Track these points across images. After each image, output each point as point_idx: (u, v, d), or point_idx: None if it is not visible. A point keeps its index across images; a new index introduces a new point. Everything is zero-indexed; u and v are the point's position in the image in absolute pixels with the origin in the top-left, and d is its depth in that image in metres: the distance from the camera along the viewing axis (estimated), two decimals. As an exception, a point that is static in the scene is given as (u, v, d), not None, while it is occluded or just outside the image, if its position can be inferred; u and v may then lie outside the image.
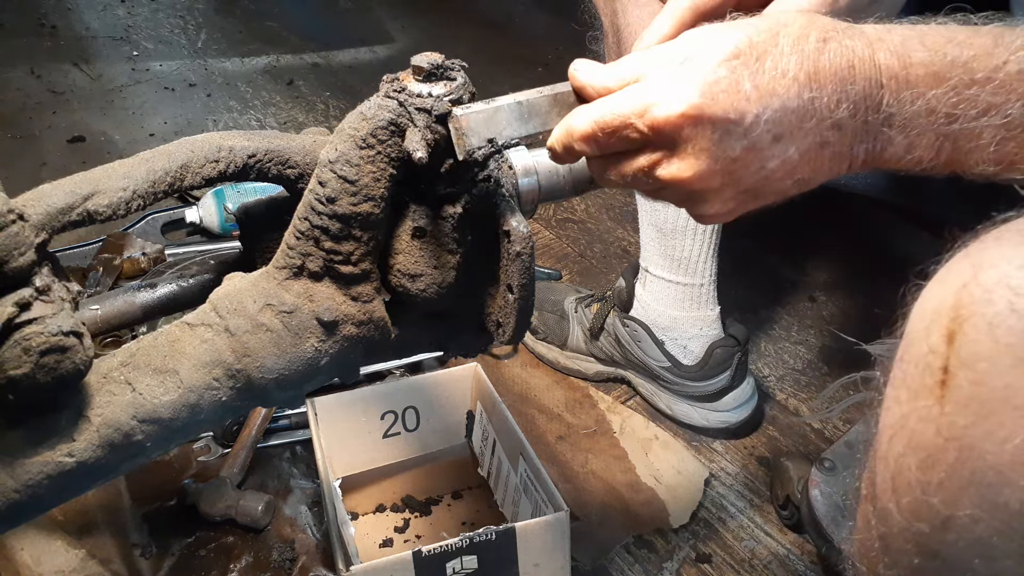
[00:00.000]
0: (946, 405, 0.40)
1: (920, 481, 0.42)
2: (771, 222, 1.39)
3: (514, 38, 2.30)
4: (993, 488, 0.38)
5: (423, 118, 0.52)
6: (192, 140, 0.55)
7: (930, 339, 0.41)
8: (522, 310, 0.57)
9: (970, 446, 0.39)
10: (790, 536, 1.05)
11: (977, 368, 0.38)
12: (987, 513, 0.39)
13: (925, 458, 0.41)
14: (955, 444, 0.40)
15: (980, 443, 0.38)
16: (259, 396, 0.54)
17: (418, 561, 0.78)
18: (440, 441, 1.05)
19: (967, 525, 0.40)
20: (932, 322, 0.41)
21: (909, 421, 0.43)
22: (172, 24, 2.30)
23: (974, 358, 0.39)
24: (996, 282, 0.39)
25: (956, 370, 0.39)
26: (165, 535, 0.99)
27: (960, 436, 0.39)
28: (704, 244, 1.11)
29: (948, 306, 0.40)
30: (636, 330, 1.18)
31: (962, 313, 0.39)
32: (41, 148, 1.74)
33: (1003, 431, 0.38)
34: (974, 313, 0.39)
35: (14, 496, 0.46)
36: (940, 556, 0.43)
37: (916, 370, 0.42)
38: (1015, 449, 0.37)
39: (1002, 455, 0.38)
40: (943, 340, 0.40)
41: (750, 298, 1.43)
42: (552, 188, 0.62)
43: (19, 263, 0.44)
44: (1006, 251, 0.39)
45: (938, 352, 0.40)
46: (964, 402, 0.39)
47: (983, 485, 0.39)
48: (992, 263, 0.39)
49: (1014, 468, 0.37)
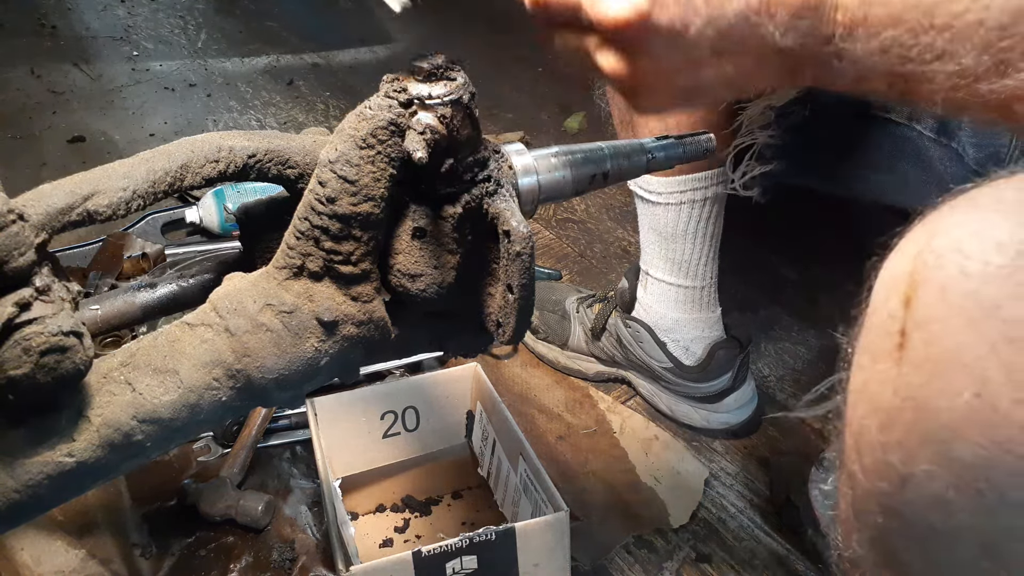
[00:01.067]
0: (903, 367, 0.41)
1: (880, 442, 0.43)
2: (771, 222, 1.40)
3: (514, 38, 2.30)
4: (946, 443, 0.40)
5: (423, 118, 0.52)
6: (192, 140, 0.55)
7: (889, 305, 0.43)
8: (522, 310, 0.57)
9: (924, 404, 0.40)
10: (790, 536, 1.05)
11: (930, 329, 0.40)
12: (942, 468, 0.40)
13: (884, 419, 0.43)
14: (911, 403, 0.41)
15: (934, 400, 0.40)
16: (259, 396, 0.54)
17: (418, 561, 0.78)
18: (440, 441, 1.05)
19: (924, 482, 0.41)
20: (891, 289, 0.43)
21: (870, 385, 0.44)
22: (172, 24, 2.30)
23: (927, 320, 0.40)
24: (948, 247, 0.40)
25: (911, 332, 0.41)
26: (165, 535, 0.99)
27: (915, 395, 0.41)
28: (704, 247, 1.11)
29: (905, 272, 0.42)
30: (638, 331, 1.18)
31: (917, 279, 0.41)
32: (41, 148, 1.74)
33: (953, 388, 0.39)
34: (927, 278, 0.40)
35: (14, 496, 0.46)
36: (901, 515, 0.44)
37: (876, 336, 0.44)
38: (965, 405, 0.38)
39: (953, 411, 0.39)
40: (900, 305, 0.42)
41: (750, 298, 1.43)
42: (552, 188, 0.61)
43: (19, 263, 0.44)
44: (958, 218, 0.41)
45: (896, 317, 0.42)
46: (919, 362, 0.40)
47: (937, 441, 0.40)
48: (945, 230, 0.41)
49: (964, 423, 0.39)
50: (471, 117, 0.55)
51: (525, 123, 1.96)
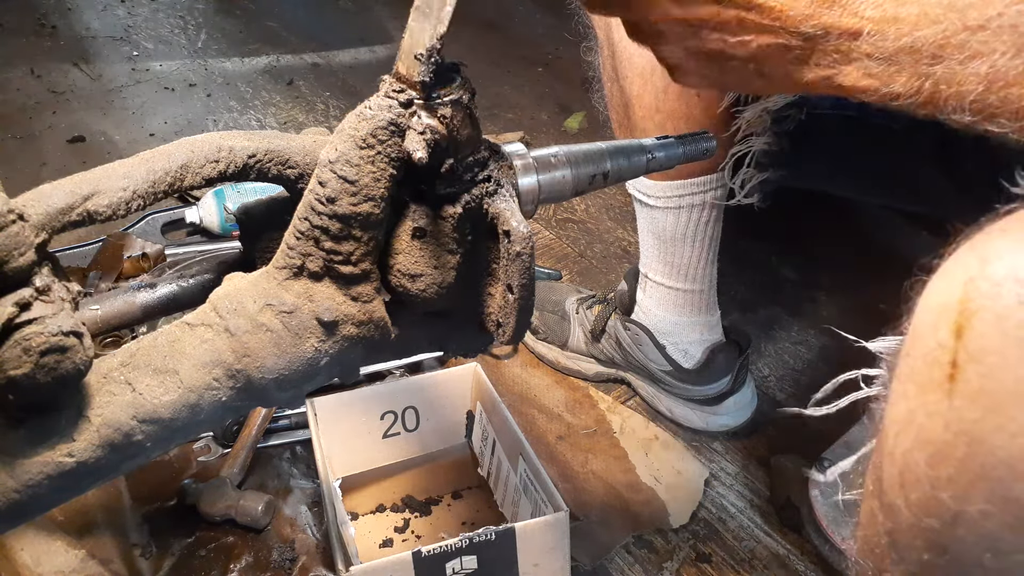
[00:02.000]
0: (955, 399, 0.40)
1: (929, 476, 0.41)
2: (771, 222, 1.40)
3: (514, 38, 2.31)
4: (1004, 483, 0.38)
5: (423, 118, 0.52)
6: (192, 140, 0.55)
7: (938, 334, 0.41)
8: (522, 310, 0.57)
9: (980, 440, 0.39)
10: (790, 536, 1.05)
11: (986, 362, 0.38)
12: (998, 508, 0.39)
13: (934, 453, 0.41)
14: (964, 439, 0.39)
15: (990, 437, 0.38)
16: (259, 396, 0.54)
17: (418, 561, 0.78)
18: (440, 441, 1.05)
19: (977, 520, 0.40)
20: (939, 316, 0.41)
21: (917, 416, 0.42)
22: (172, 24, 2.30)
23: (983, 352, 0.38)
24: (1004, 275, 0.38)
25: (965, 364, 0.39)
26: (165, 535, 0.99)
27: (970, 430, 0.39)
28: (703, 251, 1.11)
29: (955, 300, 0.40)
30: (638, 334, 1.18)
31: (970, 307, 0.39)
32: (41, 148, 1.74)
33: (1014, 425, 0.37)
34: (982, 307, 0.39)
35: (14, 496, 0.46)
36: (950, 552, 0.42)
37: (924, 365, 0.42)
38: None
39: (1013, 449, 0.37)
40: (951, 334, 0.40)
41: (750, 298, 1.43)
42: (552, 188, 0.61)
43: (19, 263, 0.44)
44: (1012, 243, 0.39)
45: (946, 346, 0.40)
46: (973, 396, 0.39)
47: (994, 480, 0.38)
48: (999, 255, 0.39)
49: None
50: (471, 117, 0.55)
51: (525, 123, 1.96)
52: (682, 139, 0.66)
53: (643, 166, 0.65)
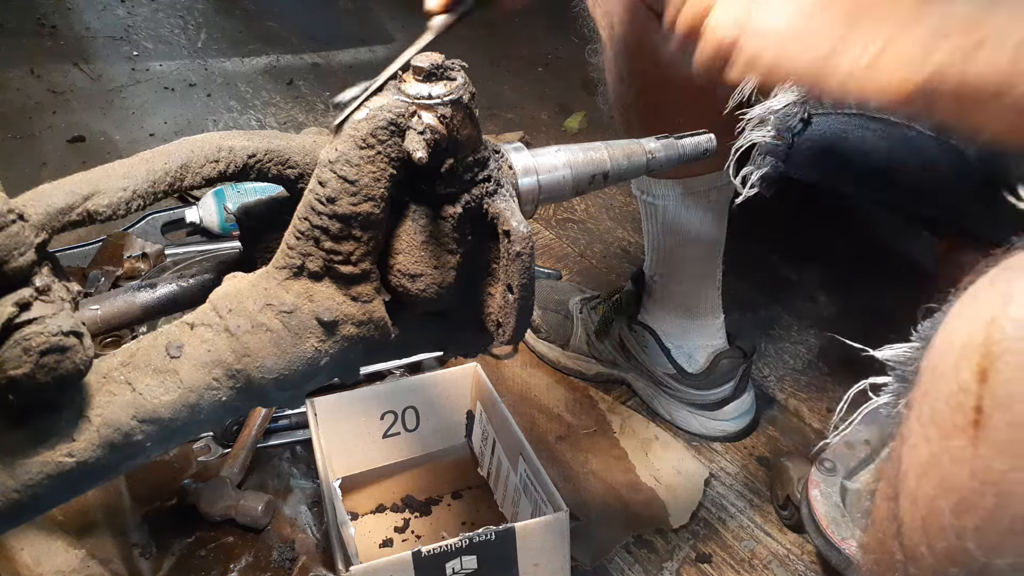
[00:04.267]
0: (980, 447, 0.38)
1: (955, 526, 0.40)
2: (771, 222, 1.40)
3: (514, 38, 2.30)
4: None
5: (424, 118, 0.52)
6: (192, 140, 0.55)
7: (960, 376, 0.39)
8: (522, 310, 0.57)
9: (1009, 492, 0.37)
10: (790, 536, 1.05)
11: (1014, 410, 0.37)
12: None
13: (959, 501, 0.40)
14: (993, 489, 0.38)
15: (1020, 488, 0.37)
16: (259, 396, 0.54)
17: (418, 561, 0.78)
18: (440, 441, 1.05)
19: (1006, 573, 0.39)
20: (961, 358, 0.39)
21: (941, 461, 0.41)
22: (172, 24, 2.30)
23: (1010, 398, 0.37)
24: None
25: (991, 411, 0.38)
26: (165, 535, 0.99)
27: (998, 481, 0.38)
28: (707, 252, 1.11)
29: (978, 341, 0.39)
30: (643, 336, 1.18)
31: (994, 350, 0.38)
32: (41, 148, 1.74)
33: None
34: (1007, 350, 0.37)
35: (14, 496, 0.46)
36: None
37: (946, 408, 0.40)
38: None
39: None
40: (974, 378, 0.38)
41: (750, 298, 1.43)
42: (552, 188, 0.61)
43: (19, 263, 0.44)
44: None
45: (970, 391, 0.39)
46: (1001, 445, 0.38)
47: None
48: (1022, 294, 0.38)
49: None
50: (471, 117, 0.55)
51: (525, 123, 1.96)
52: (682, 138, 0.66)
53: (643, 166, 0.65)
